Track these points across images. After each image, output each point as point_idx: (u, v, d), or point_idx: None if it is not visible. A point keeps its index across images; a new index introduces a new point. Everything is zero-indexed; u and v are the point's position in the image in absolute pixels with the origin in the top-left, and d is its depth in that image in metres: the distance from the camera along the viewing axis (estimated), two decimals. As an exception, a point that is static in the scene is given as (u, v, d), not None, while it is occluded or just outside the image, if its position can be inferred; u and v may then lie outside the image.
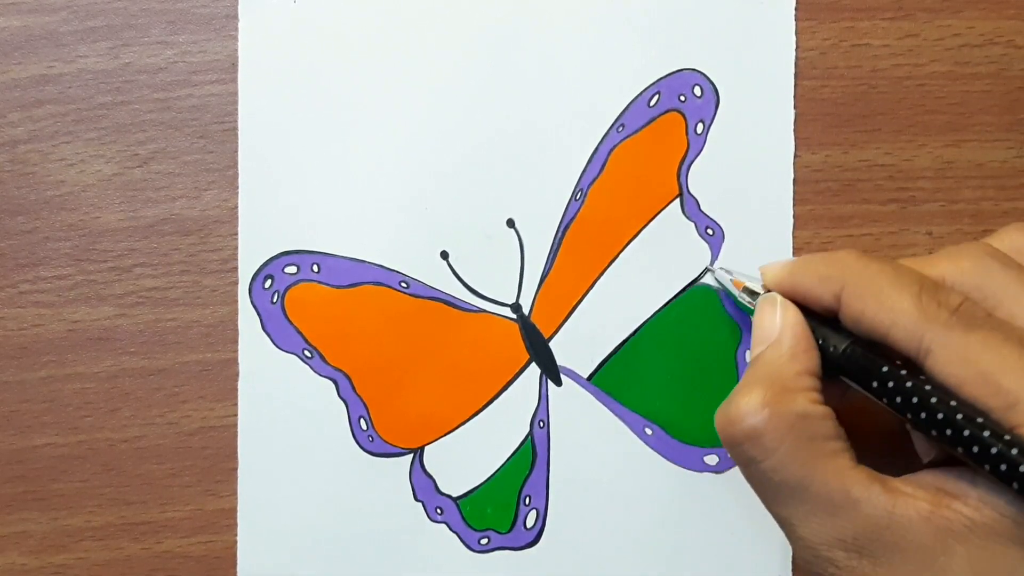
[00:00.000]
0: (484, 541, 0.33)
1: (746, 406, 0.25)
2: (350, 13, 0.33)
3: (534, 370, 0.33)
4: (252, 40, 0.33)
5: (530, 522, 0.33)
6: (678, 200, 0.33)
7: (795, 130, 0.33)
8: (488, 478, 0.33)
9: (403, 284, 0.33)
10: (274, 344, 0.33)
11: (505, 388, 0.33)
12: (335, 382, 0.33)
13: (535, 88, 0.33)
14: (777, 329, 0.27)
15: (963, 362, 0.23)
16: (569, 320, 0.33)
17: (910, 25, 0.33)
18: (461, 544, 0.33)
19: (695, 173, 0.33)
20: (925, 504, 0.24)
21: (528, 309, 0.33)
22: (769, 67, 0.33)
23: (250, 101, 0.33)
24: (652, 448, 0.33)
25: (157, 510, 0.33)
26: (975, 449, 0.22)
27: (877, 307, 0.25)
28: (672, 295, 0.33)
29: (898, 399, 0.24)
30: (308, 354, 0.33)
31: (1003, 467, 0.22)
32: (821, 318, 0.27)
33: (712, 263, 0.33)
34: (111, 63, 0.33)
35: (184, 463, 0.33)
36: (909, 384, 0.24)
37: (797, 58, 0.33)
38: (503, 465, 0.33)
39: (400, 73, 0.33)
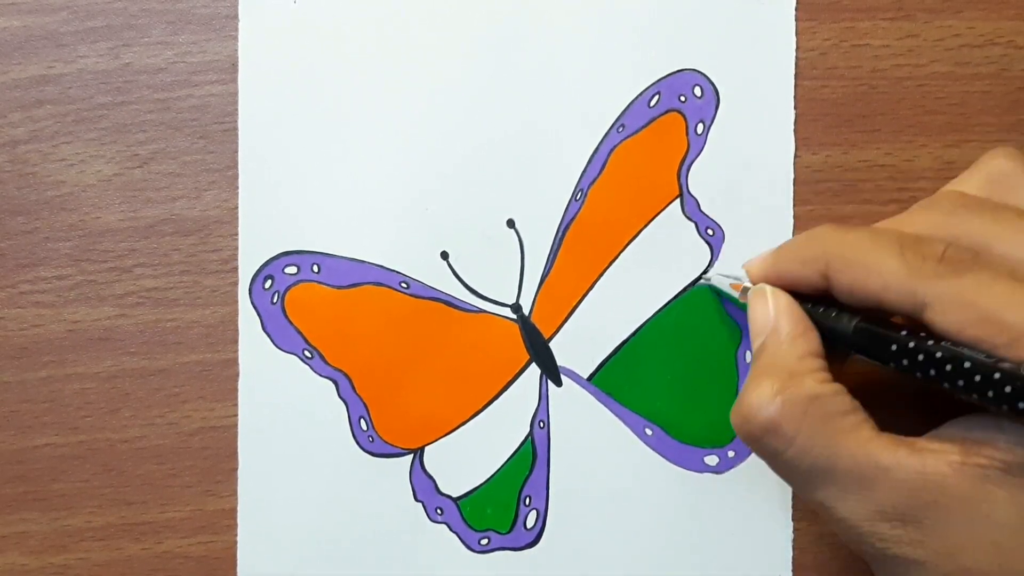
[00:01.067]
0: (484, 541, 0.33)
1: (757, 399, 0.25)
2: (350, 13, 0.33)
3: (534, 370, 0.33)
4: (252, 40, 0.33)
5: (530, 522, 0.33)
6: (678, 200, 0.33)
7: (795, 130, 0.33)
8: (488, 478, 0.33)
9: (403, 284, 0.33)
10: (274, 344, 0.33)
11: (505, 388, 0.33)
12: (335, 382, 0.33)
13: (535, 88, 0.33)
14: (771, 318, 0.27)
15: (960, 307, 0.23)
16: (569, 320, 0.33)
17: (910, 25, 0.33)
18: (461, 544, 0.33)
19: (695, 173, 0.33)
20: (955, 456, 0.23)
21: (528, 309, 0.33)
22: (769, 67, 0.33)
23: (250, 101, 0.33)
24: (652, 448, 0.33)
25: (157, 510, 0.33)
26: (991, 393, 0.22)
27: (865, 275, 0.25)
28: (672, 295, 0.33)
29: (905, 361, 0.24)
30: (308, 354, 0.33)
31: (1022, 404, 0.21)
32: (819, 300, 0.27)
33: (712, 263, 0.33)
34: (111, 63, 0.33)
35: (184, 463, 0.33)
36: (914, 344, 0.24)
37: (797, 58, 0.33)
38: (503, 465, 0.33)
39: (400, 73, 0.33)
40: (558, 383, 0.33)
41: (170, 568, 0.33)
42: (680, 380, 0.33)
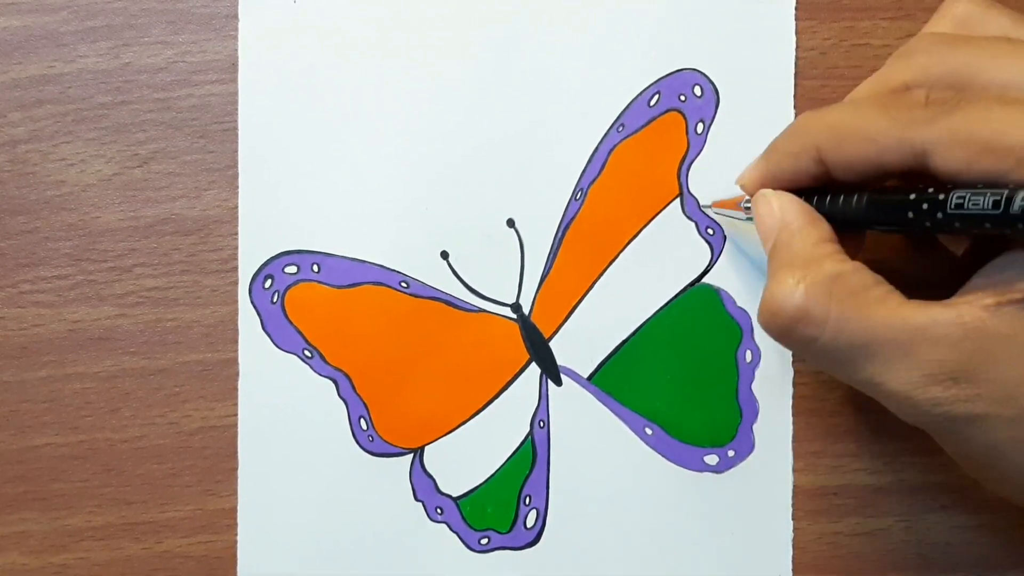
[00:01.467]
0: (484, 541, 0.33)
1: (780, 292, 0.25)
2: (350, 13, 0.33)
3: (534, 370, 0.33)
4: (252, 40, 0.33)
5: (530, 522, 0.33)
6: (678, 200, 0.33)
7: (795, 130, 0.33)
8: (488, 478, 0.33)
9: (403, 284, 0.33)
10: (274, 344, 0.33)
11: (505, 388, 0.33)
12: (335, 382, 0.33)
13: (535, 88, 0.33)
14: (777, 216, 0.27)
15: (959, 144, 0.23)
16: (569, 320, 0.33)
17: (910, 25, 0.33)
18: (461, 544, 0.33)
19: (695, 173, 0.33)
20: (989, 300, 0.23)
21: (528, 309, 0.33)
22: (769, 67, 0.33)
23: (250, 101, 0.33)
24: (652, 448, 0.33)
25: (157, 510, 0.33)
26: (1011, 218, 0.21)
27: (858, 145, 0.25)
28: (672, 295, 0.33)
29: (922, 218, 0.24)
30: (308, 354, 0.33)
31: None
32: (820, 192, 0.27)
33: (712, 263, 0.33)
34: (111, 63, 0.33)
35: (184, 463, 0.33)
36: (927, 197, 0.23)
37: (797, 58, 0.33)
38: (503, 465, 0.33)
39: (400, 73, 0.33)
40: (558, 383, 0.33)
41: (170, 568, 0.33)
42: (680, 379, 0.33)
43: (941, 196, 0.23)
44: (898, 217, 0.25)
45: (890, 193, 0.25)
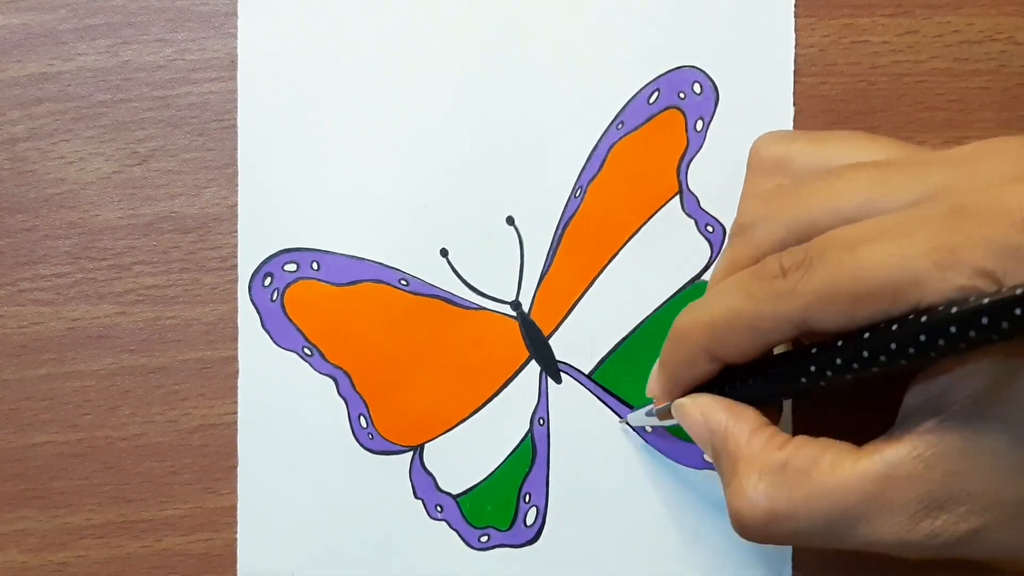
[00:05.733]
0: (484, 539, 0.33)
1: (741, 505, 0.25)
2: (350, 10, 0.33)
3: (534, 367, 0.33)
4: (251, 38, 0.33)
5: (530, 519, 0.33)
6: (678, 197, 0.33)
7: (795, 127, 0.33)
8: (488, 475, 0.33)
9: (403, 282, 0.33)
10: (274, 342, 0.33)
11: (505, 386, 0.33)
12: (335, 380, 0.33)
13: (534, 86, 0.33)
14: (703, 423, 0.27)
15: (829, 303, 0.23)
16: (569, 317, 0.33)
17: (909, 22, 0.33)
18: (461, 541, 0.33)
19: (695, 170, 0.33)
20: (931, 421, 0.23)
21: (528, 306, 0.33)
22: (768, 64, 0.33)
23: (249, 99, 0.33)
24: (652, 445, 0.33)
25: (157, 508, 0.33)
26: (922, 343, 0.21)
27: (741, 337, 0.25)
28: (672, 292, 0.33)
29: (830, 371, 0.24)
30: (308, 352, 0.33)
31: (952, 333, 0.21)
32: (727, 377, 0.27)
33: (712, 259, 0.33)
34: (110, 61, 0.33)
35: (184, 461, 0.33)
36: (831, 350, 0.24)
37: (796, 55, 0.33)
38: (503, 463, 0.33)
39: (399, 70, 0.33)
40: (558, 380, 0.33)
41: (170, 566, 0.33)
42: (680, 377, 0.33)
43: (825, 356, 0.24)
44: (810, 377, 0.25)
45: (786, 362, 0.25)
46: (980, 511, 0.23)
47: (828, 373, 0.24)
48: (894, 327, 0.22)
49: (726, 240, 0.28)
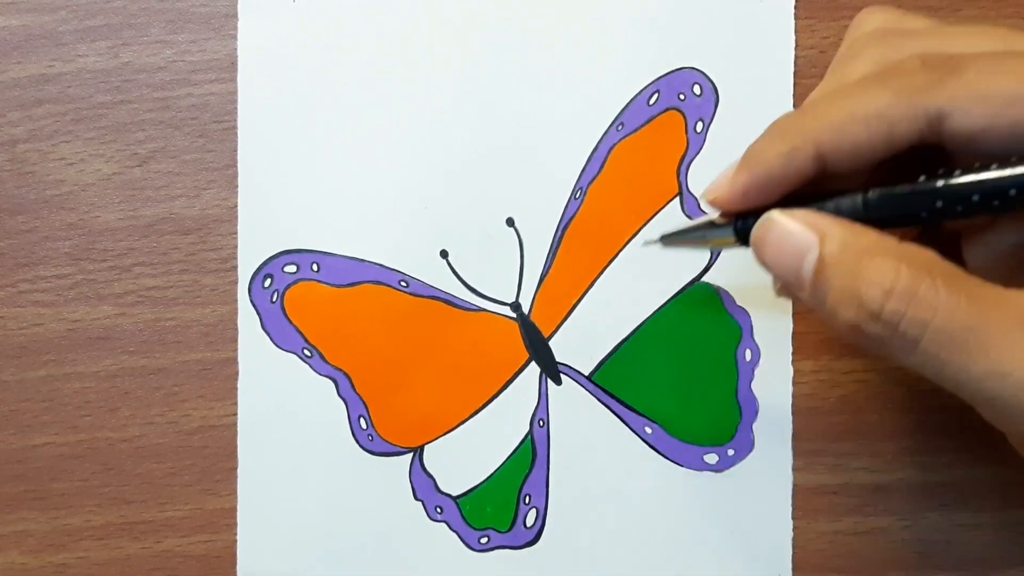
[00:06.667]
0: (484, 540, 0.33)
1: (880, 274, 0.21)
2: (349, 12, 0.33)
3: (534, 369, 0.33)
4: (251, 39, 0.33)
5: (530, 521, 0.33)
6: (678, 199, 0.33)
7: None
8: (488, 477, 0.33)
9: (403, 283, 0.33)
10: (274, 343, 0.33)
11: (505, 387, 0.33)
12: (335, 381, 0.33)
13: (534, 87, 0.33)
14: (809, 231, 0.23)
15: (979, 99, 0.21)
16: (569, 319, 0.33)
17: (910, 23, 0.33)
18: (461, 543, 0.33)
19: (695, 172, 0.33)
20: None
21: (528, 308, 0.33)
22: (768, 65, 0.33)
23: (249, 100, 0.33)
24: (652, 447, 0.33)
25: (157, 509, 0.33)
26: None
27: (863, 127, 0.22)
28: (672, 294, 0.33)
29: (941, 203, 0.22)
30: (308, 353, 0.33)
31: None
32: (812, 198, 0.24)
33: (712, 261, 0.33)
34: (110, 62, 0.33)
35: (184, 462, 0.33)
36: (942, 178, 0.22)
37: (796, 56, 0.33)
38: (503, 464, 0.33)
39: (399, 72, 0.33)
40: (557, 382, 0.33)
41: (170, 567, 0.33)
42: (680, 378, 0.33)
43: (964, 178, 0.22)
44: (916, 203, 0.22)
45: (904, 186, 0.23)
46: None
47: (975, 198, 0.21)
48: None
49: (838, 61, 0.25)
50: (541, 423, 0.33)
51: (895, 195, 0.23)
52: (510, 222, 0.33)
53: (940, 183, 0.22)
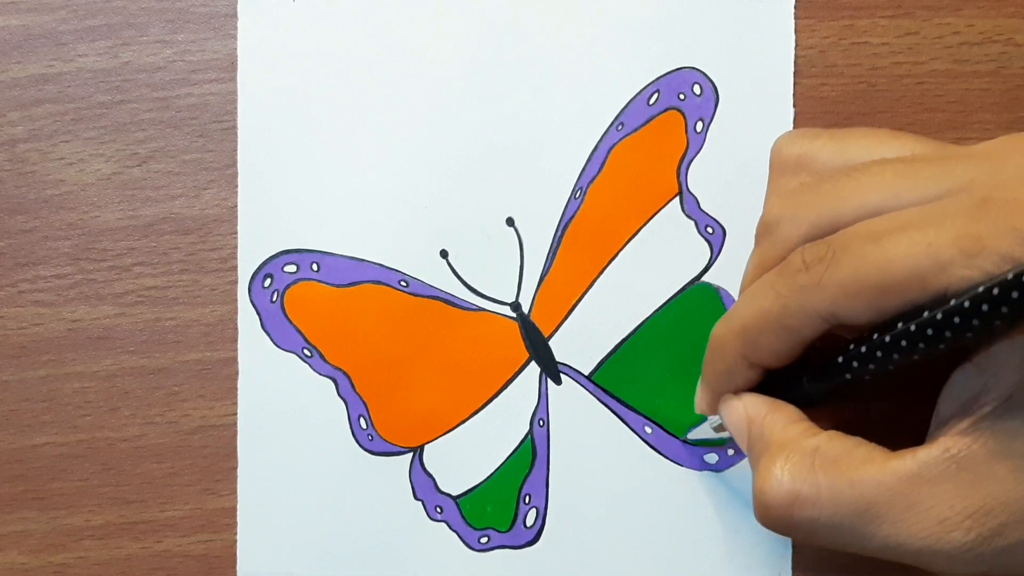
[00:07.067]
0: (484, 540, 0.33)
1: (766, 483, 0.24)
2: (349, 12, 0.33)
3: (534, 369, 0.33)
4: (251, 39, 0.33)
5: (530, 521, 0.33)
6: (678, 198, 0.33)
7: (795, 128, 0.33)
8: (488, 477, 0.33)
9: (402, 283, 0.33)
10: (273, 343, 0.33)
11: (505, 387, 0.33)
12: (335, 381, 0.33)
13: (534, 87, 0.33)
14: (742, 413, 0.27)
15: (855, 296, 0.23)
16: (569, 319, 0.33)
17: (909, 23, 0.33)
18: (461, 543, 0.33)
19: (695, 171, 0.33)
20: (965, 423, 0.22)
21: (528, 308, 0.33)
22: (768, 65, 0.33)
23: (249, 100, 0.33)
24: (652, 446, 0.33)
25: (157, 509, 0.33)
26: (952, 326, 0.21)
27: (773, 338, 0.25)
28: (672, 293, 0.33)
29: (870, 364, 0.23)
30: (308, 353, 0.33)
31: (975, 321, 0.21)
32: (770, 384, 0.27)
33: (712, 261, 0.33)
34: (110, 62, 0.33)
35: (184, 462, 0.33)
36: (863, 345, 0.23)
37: (796, 56, 0.33)
38: (503, 464, 0.33)
39: (399, 72, 0.33)
40: (557, 381, 0.33)
41: (169, 567, 0.33)
42: (680, 378, 0.33)
43: (863, 348, 0.23)
44: (843, 369, 0.24)
45: (827, 363, 0.25)
46: (1017, 523, 0.22)
47: (869, 366, 0.23)
48: (926, 313, 0.21)
49: (754, 243, 0.27)
50: (541, 423, 0.33)
51: (815, 377, 0.26)
52: (510, 222, 0.33)
53: (840, 358, 0.24)
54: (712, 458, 0.33)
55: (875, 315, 0.23)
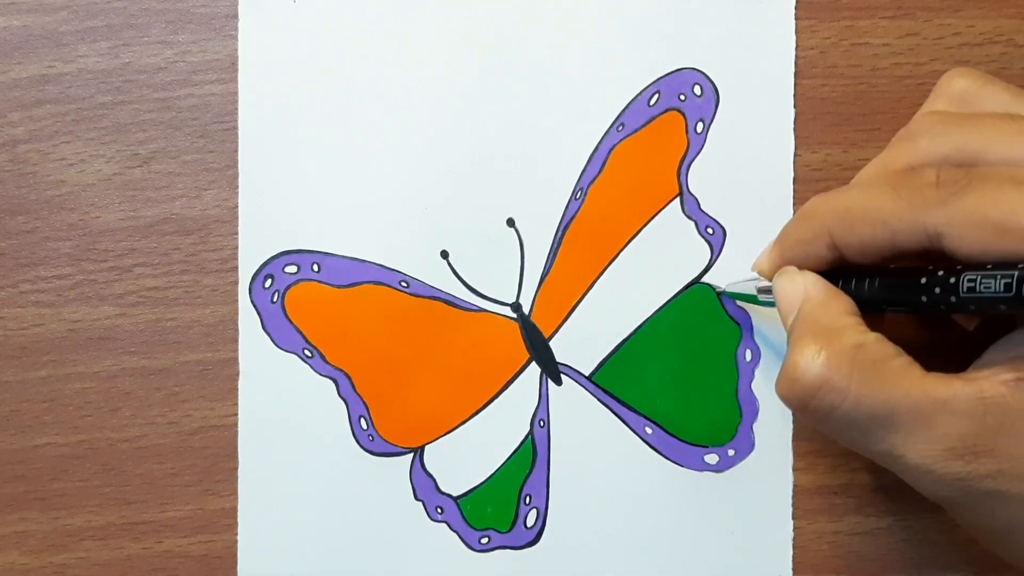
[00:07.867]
0: (484, 540, 0.33)
1: (802, 360, 0.25)
2: (350, 12, 0.33)
3: (534, 369, 0.33)
4: (252, 39, 0.33)
5: (530, 521, 0.33)
6: (678, 199, 0.33)
7: (795, 129, 0.33)
8: (488, 477, 0.33)
9: (403, 283, 0.33)
10: (274, 344, 0.33)
11: (505, 387, 0.33)
12: (335, 381, 0.33)
13: (535, 87, 0.33)
14: (800, 289, 0.27)
15: (974, 226, 0.23)
16: (569, 319, 0.33)
17: (910, 24, 0.33)
18: (461, 543, 0.33)
19: (695, 172, 0.33)
20: (1008, 375, 0.23)
21: (528, 308, 0.33)
22: (769, 66, 0.33)
23: (250, 101, 0.33)
24: (652, 447, 0.33)
25: (157, 510, 0.33)
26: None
27: (870, 229, 0.25)
28: (672, 294, 0.33)
29: (935, 298, 0.23)
30: (308, 353, 0.33)
31: None
32: (833, 275, 0.27)
33: (712, 262, 0.33)
34: (111, 63, 0.33)
35: (184, 463, 0.33)
36: (941, 276, 0.23)
37: (797, 57, 0.33)
38: (503, 464, 0.33)
39: (400, 72, 0.33)
40: (558, 382, 0.33)
41: (170, 567, 0.33)
42: (680, 378, 0.33)
43: (952, 280, 0.23)
44: (912, 300, 0.25)
45: (903, 276, 0.25)
46: (1011, 477, 0.23)
47: (952, 299, 0.23)
48: (1004, 273, 0.22)
49: (894, 140, 0.27)
50: (541, 423, 0.33)
51: (894, 285, 0.26)
52: (510, 222, 0.33)
53: (924, 279, 0.24)
54: (712, 458, 0.33)
55: (980, 253, 0.23)
